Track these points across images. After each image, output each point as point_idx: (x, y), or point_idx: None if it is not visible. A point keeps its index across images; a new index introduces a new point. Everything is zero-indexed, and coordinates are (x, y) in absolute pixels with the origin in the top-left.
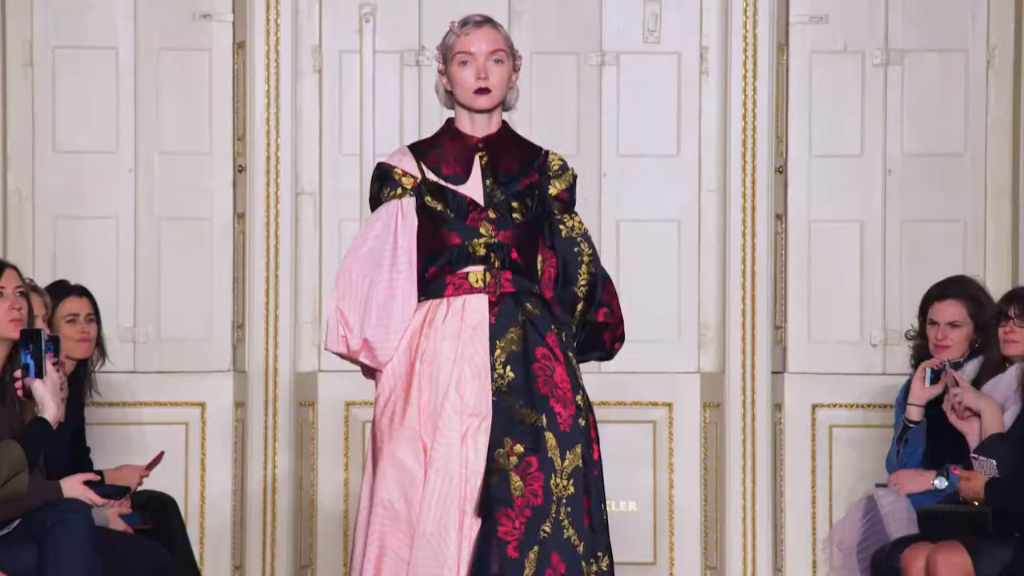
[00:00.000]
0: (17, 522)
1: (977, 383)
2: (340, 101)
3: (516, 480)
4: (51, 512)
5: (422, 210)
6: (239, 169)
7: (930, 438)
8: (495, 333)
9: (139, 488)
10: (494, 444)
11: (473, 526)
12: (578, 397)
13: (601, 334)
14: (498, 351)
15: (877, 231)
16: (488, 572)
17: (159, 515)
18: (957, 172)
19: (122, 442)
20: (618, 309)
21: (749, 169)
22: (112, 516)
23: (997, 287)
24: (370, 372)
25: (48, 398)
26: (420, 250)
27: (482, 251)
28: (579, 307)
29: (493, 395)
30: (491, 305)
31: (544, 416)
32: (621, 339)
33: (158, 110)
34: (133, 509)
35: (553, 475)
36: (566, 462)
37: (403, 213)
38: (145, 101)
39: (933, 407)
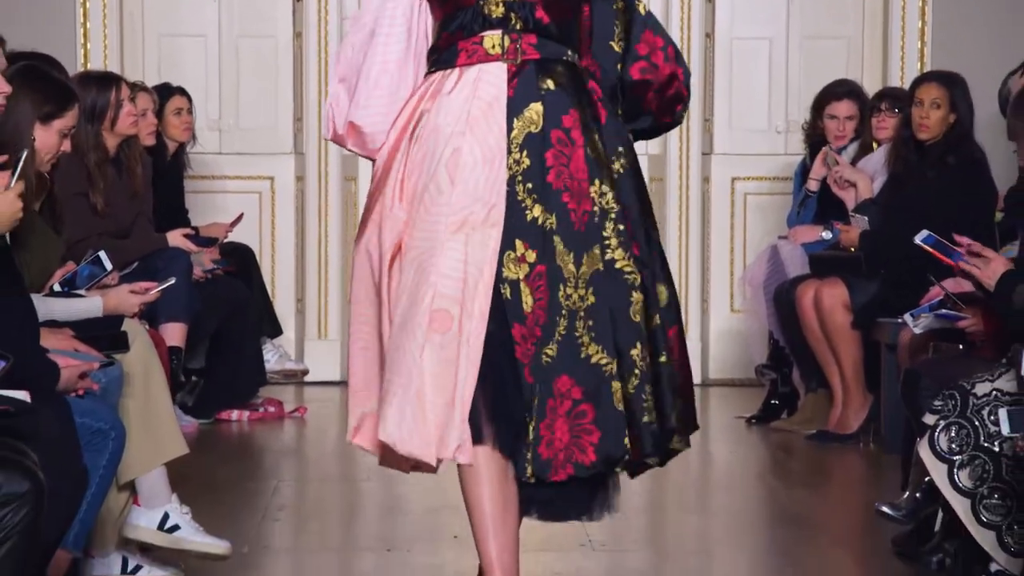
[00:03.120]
0: (135, 264)
1: (854, 162)
2: None
3: (527, 293)
4: (160, 256)
5: None
6: None
7: (820, 203)
8: (513, 109)
9: (225, 240)
10: (503, 245)
11: (451, 328)
12: (593, 188)
13: (643, 95)
14: (515, 131)
15: (782, 45)
16: (504, 399)
17: (240, 261)
18: None
19: (211, 206)
20: (666, 63)
21: None
22: (205, 261)
23: (870, 87)
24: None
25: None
26: (434, 15)
27: (500, 11)
28: (619, 66)
29: (506, 184)
30: (510, 76)
31: (554, 216)
32: (679, 100)
33: None
34: (220, 256)
35: (562, 286)
36: (582, 267)
37: None
38: None
39: (824, 180)
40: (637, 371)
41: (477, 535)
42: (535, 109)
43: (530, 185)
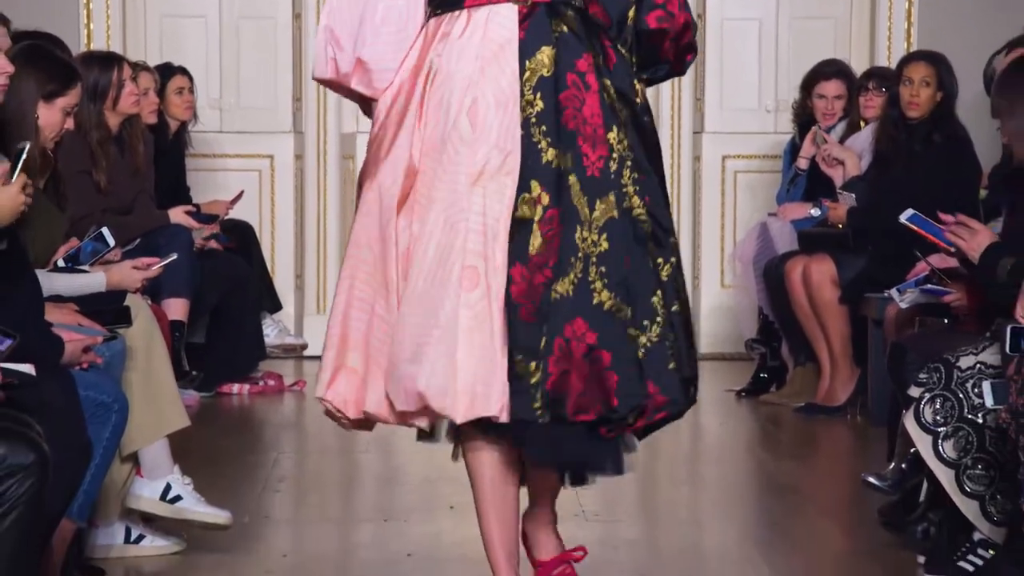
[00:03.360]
0: (137, 240)
1: (842, 140)
2: None
3: (536, 234)
4: (163, 233)
5: None
6: None
7: (809, 181)
8: (525, 52)
9: (226, 217)
10: (520, 188)
11: (479, 285)
12: (611, 135)
13: (660, 43)
14: (527, 73)
15: (771, 26)
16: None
17: (240, 237)
18: None
19: (212, 183)
20: (681, 11)
21: None
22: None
23: (858, 67)
24: (371, 108)
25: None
26: None
27: None
28: (630, 13)
29: (520, 128)
30: (521, 18)
31: (569, 156)
32: (691, 49)
33: None
34: (221, 232)
35: (578, 228)
36: (596, 212)
37: None
38: None
39: (813, 158)
40: (659, 319)
41: (479, 509)
42: (546, 52)
43: (544, 128)
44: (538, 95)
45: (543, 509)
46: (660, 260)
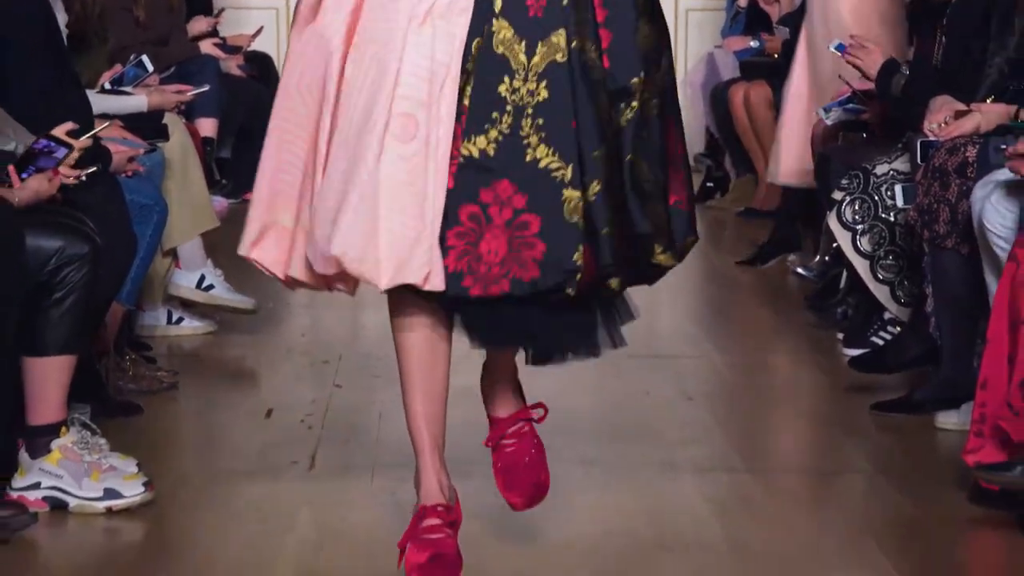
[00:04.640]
0: (173, 68)
1: None
2: None
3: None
4: (194, 62)
5: None
6: None
7: (748, 17)
8: None
9: (248, 49)
10: (471, 33)
11: (416, 136)
12: None
13: None
14: None
15: None
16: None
17: (261, 66)
18: None
19: (235, 20)
20: None
21: None
22: (231, 66)
23: None
24: None
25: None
26: None
27: None
28: None
29: None
30: None
31: None
32: None
33: None
34: (244, 61)
35: (507, 77)
36: (535, 59)
37: None
38: None
39: None
40: (600, 176)
41: (404, 386)
42: None
43: None
44: None
45: (503, 364)
46: (617, 106)
